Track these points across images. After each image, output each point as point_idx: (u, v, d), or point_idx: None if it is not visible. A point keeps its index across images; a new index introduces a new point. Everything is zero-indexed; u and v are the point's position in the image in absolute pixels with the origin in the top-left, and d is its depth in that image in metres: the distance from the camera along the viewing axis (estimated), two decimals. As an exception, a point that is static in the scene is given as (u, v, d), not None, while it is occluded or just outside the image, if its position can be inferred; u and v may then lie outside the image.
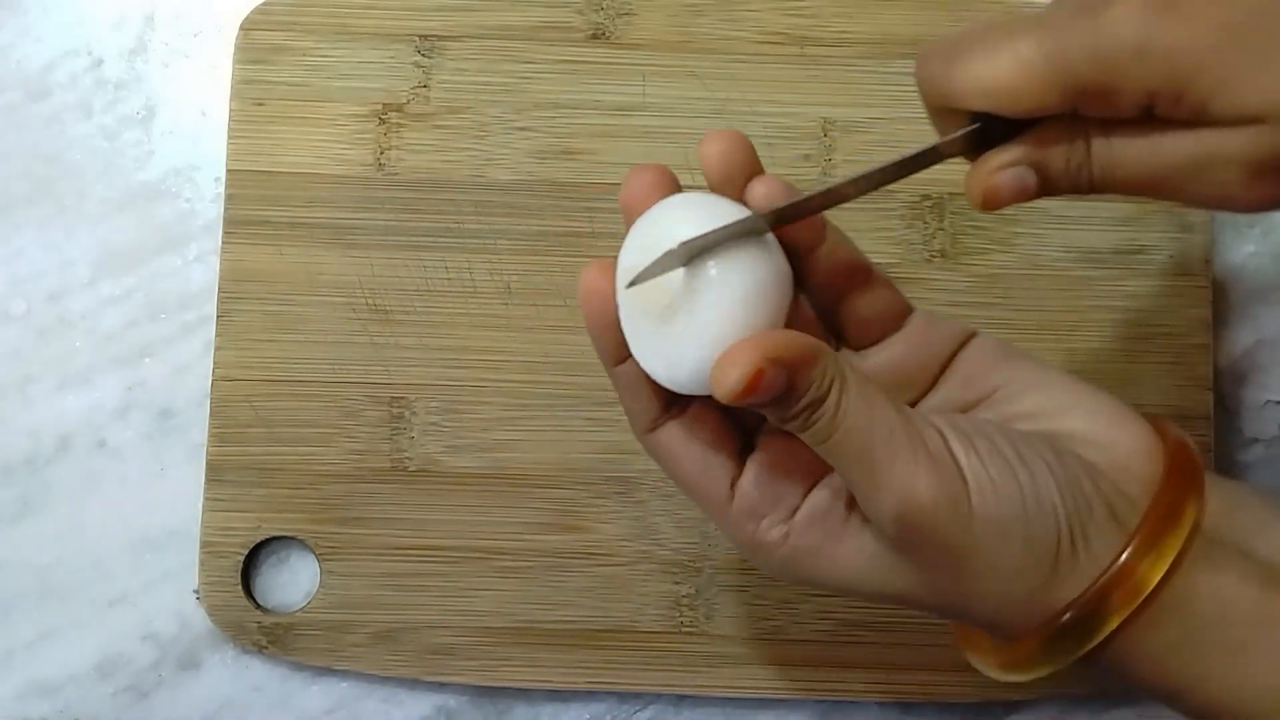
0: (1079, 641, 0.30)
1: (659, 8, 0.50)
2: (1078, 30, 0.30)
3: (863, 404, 0.30)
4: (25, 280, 0.50)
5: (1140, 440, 0.32)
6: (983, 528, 0.30)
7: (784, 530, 0.33)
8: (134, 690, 0.49)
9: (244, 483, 0.48)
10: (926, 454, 0.30)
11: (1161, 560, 0.30)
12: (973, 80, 0.30)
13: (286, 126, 0.50)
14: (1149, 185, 0.31)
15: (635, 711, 0.49)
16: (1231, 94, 0.29)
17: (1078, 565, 0.30)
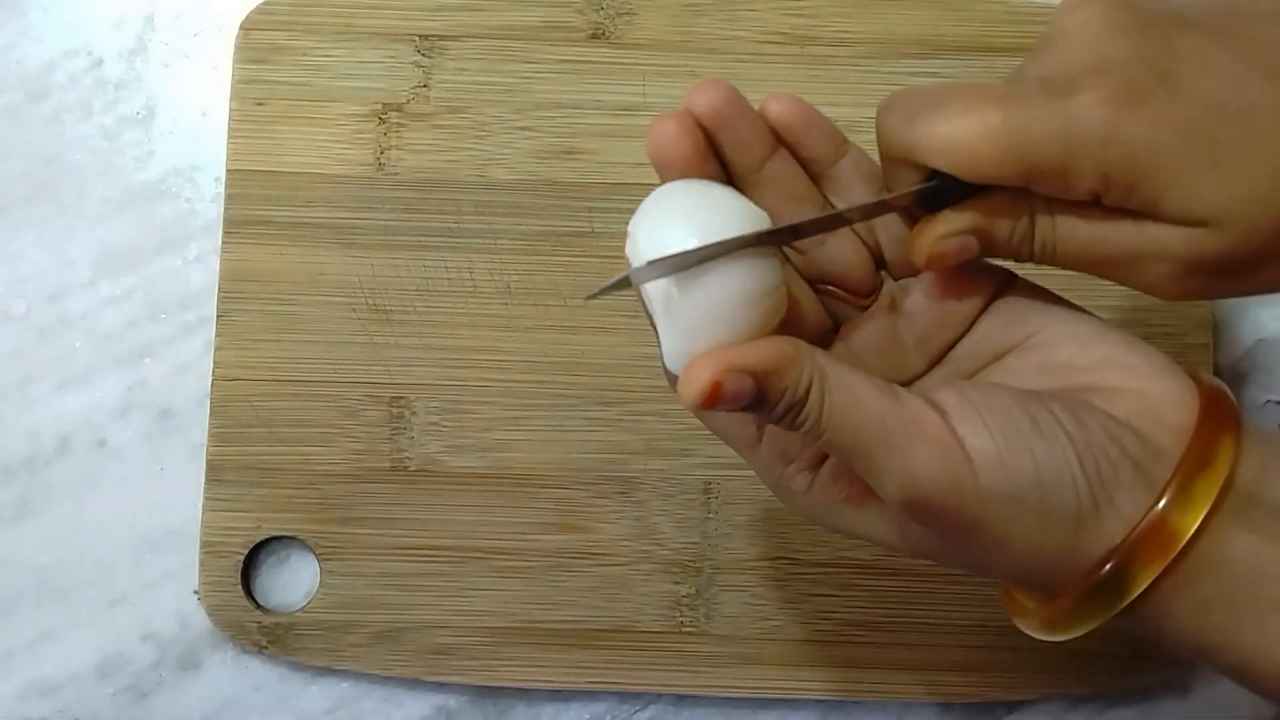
0: (1115, 597, 0.30)
1: (659, 8, 0.50)
2: (1047, 109, 0.30)
3: (849, 400, 0.30)
4: (25, 280, 0.50)
5: (1175, 391, 0.31)
6: (994, 503, 0.29)
7: (808, 479, 0.33)
8: (134, 690, 0.49)
9: (244, 483, 0.48)
10: (923, 439, 0.29)
11: (1195, 509, 0.29)
12: (935, 138, 0.31)
13: (287, 126, 0.50)
14: (1085, 265, 0.32)
15: (635, 711, 0.49)
16: (1181, 195, 0.30)
17: (1104, 529, 0.30)
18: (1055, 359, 0.33)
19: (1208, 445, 0.30)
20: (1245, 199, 0.30)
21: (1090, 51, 0.30)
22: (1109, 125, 0.29)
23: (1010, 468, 0.29)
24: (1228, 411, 0.31)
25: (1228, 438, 0.30)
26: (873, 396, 0.30)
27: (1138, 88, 0.29)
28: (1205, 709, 0.50)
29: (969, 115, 0.30)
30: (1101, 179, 0.30)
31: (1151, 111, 0.29)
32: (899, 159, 0.32)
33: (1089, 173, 0.30)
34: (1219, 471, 0.30)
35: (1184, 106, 0.29)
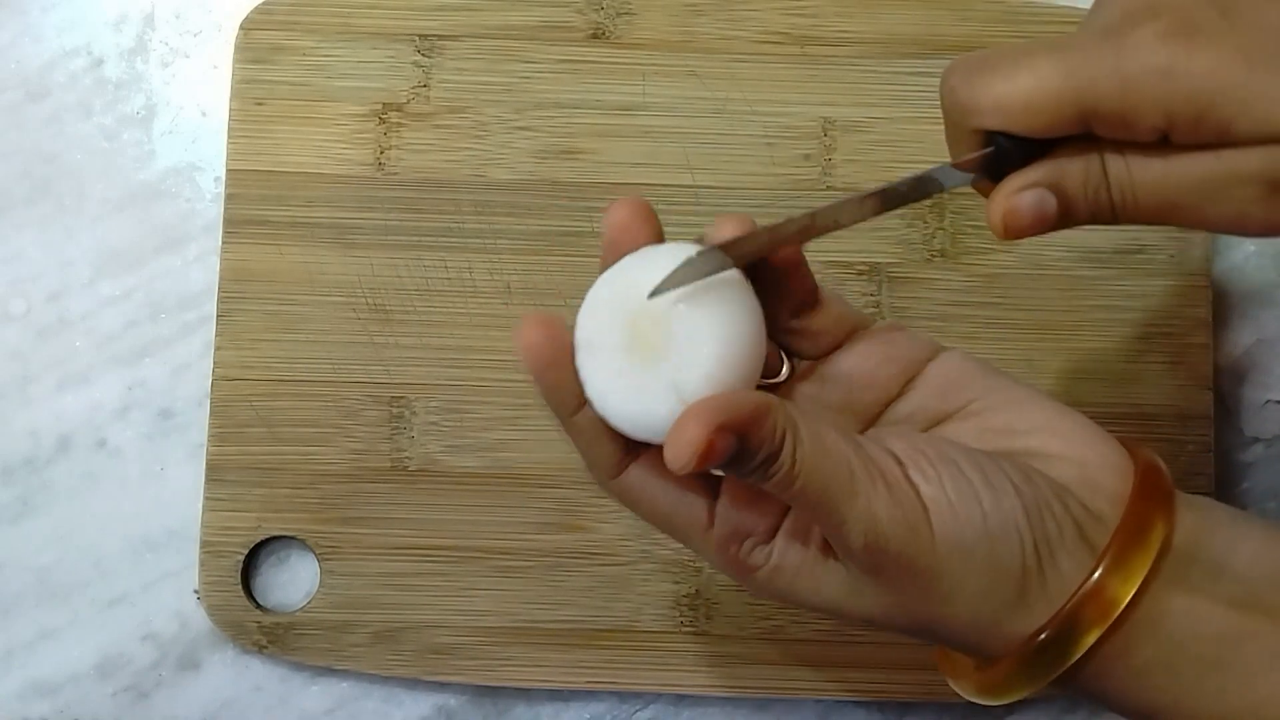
0: (1054, 663, 0.30)
1: (659, 7, 0.50)
2: (1101, 52, 0.30)
3: (817, 448, 0.30)
4: (25, 280, 0.50)
5: (1110, 458, 0.32)
6: (945, 551, 0.30)
7: (767, 551, 0.33)
8: (134, 690, 0.49)
9: (244, 483, 0.48)
10: (884, 483, 0.30)
11: (1131, 578, 0.30)
12: (991, 96, 0.31)
13: (287, 126, 0.50)
14: (1168, 207, 0.32)
15: (635, 711, 0.49)
16: (1253, 114, 0.29)
17: (1046, 587, 0.30)
18: (993, 424, 0.33)
19: (1142, 517, 0.31)
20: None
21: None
22: (1167, 58, 0.29)
23: (961, 518, 0.30)
24: (1161, 482, 0.31)
25: (1161, 508, 0.31)
26: (839, 443, 0.30)
27: (1196, 20, 0.29)
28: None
29: (1021, 70, 0.30)
30: (1165, 114, 0.30)
31: (1212, 40, 0.29)
32: (961, 127, 0.32)
33: (1151, 109, 0.30)
34: (1153, 542, 0.30)
35: (1245, 33, 0.29)
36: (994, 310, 0.50)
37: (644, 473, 0.33)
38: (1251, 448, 0.51)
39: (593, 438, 0.32)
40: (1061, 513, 0.31)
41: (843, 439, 0.30)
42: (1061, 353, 0.49)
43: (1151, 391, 0.49)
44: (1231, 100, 0.29)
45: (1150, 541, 0.30)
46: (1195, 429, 0.49)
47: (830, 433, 0.30)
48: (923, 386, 0.34)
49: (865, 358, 0.34)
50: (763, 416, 0.29)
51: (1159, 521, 0.31)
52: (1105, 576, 0.30)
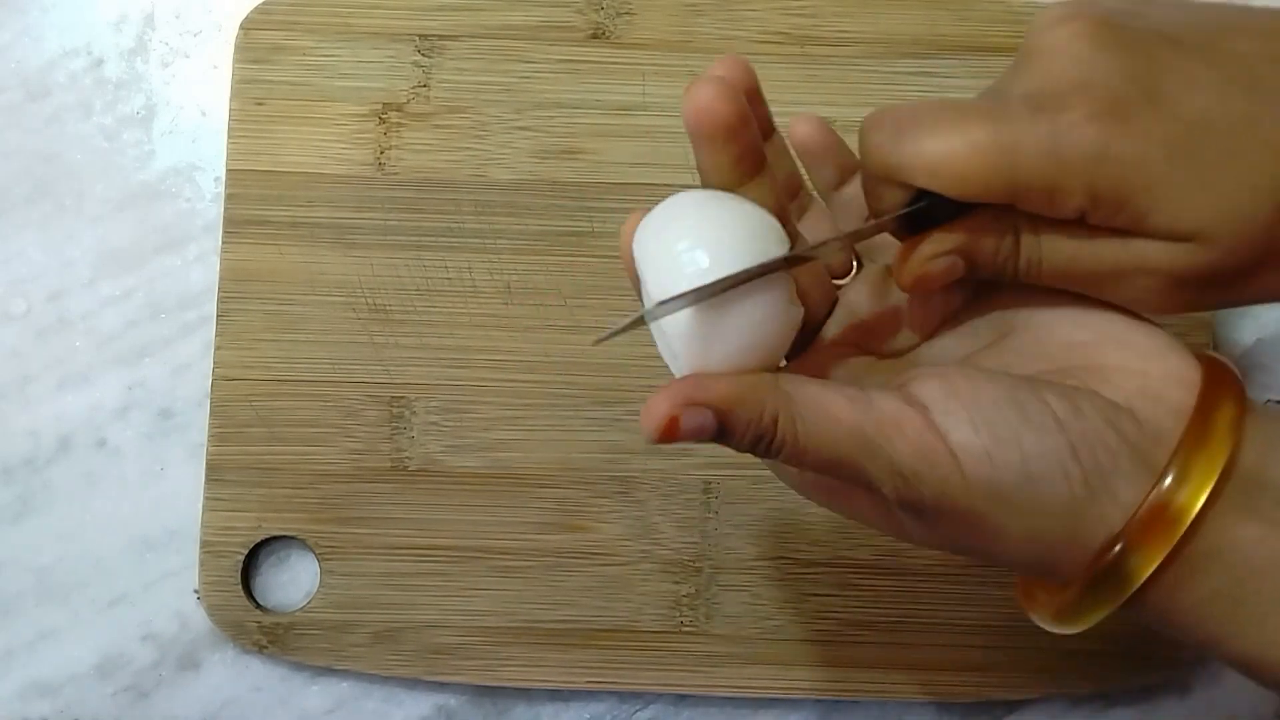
0: (1120, 586, 0.29)
1: (659, 8, 0.50)
2: (1034, 127, 0.30)
3: (822, 418, 0.30)
4: (25, 280, 0.50)
5: (1177, 370, 0.31)
6: (983, 498, 0.29)
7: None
8: (134, 690, 0.49)
9: (244, 483, 0.48)
10: (902, 439, 0.29)
11: (1197, 489, 0.29)
12: (922, 157, 0.30)
13: (287, 126, 0.50)
14: (1069, 281, 0.32)
15: (635, 711, 0.49)
16: (1168, 211, 0.29)
17: (1104, 518, 0.29)
18: (1052, 338, 0.32)
19: (1208, 423, 0.30)
20: (1230, 214, 0.29)
21: (1075, 68, 0.30)
22: (1099, 143, 0.29)
23: (997, 462, 0.29)
24: (1231, 389, 0.30)
25: (1228, 414, 0.30)
26: (846, 409, 0.30)
27: (1125, 104, 0.29)
28: (1205, 709, 0.50)
29: (956, 133, 0.30)
30: (1090, 197, 0.30)
31: (1139, 128, 0.29)
32: (885, 178, 0.32)
33: (1078, 190, 0.30)
34: (1220, 449, 0.29)
35: (1170, 123, 0.29)
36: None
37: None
38: (1252, 448, 0.51)
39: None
40: (1116, 442, 0.29)
41: (851, 403, 0.30)
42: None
43: (1151, 391, 0.49)
44: (1150, 193, 0.29)
45: (1216, 449, 0.29)
46: (1195, 429, 0.49)
47: (836, 399, 0.30)
48: (984, 299, 0.34)
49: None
50: (743, 398, 0.29)
51: (1224, 428, 0.29)
52: (1169, 491, 0.29)
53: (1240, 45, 0.31)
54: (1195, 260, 0.30)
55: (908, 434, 0.29)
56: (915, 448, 0.29)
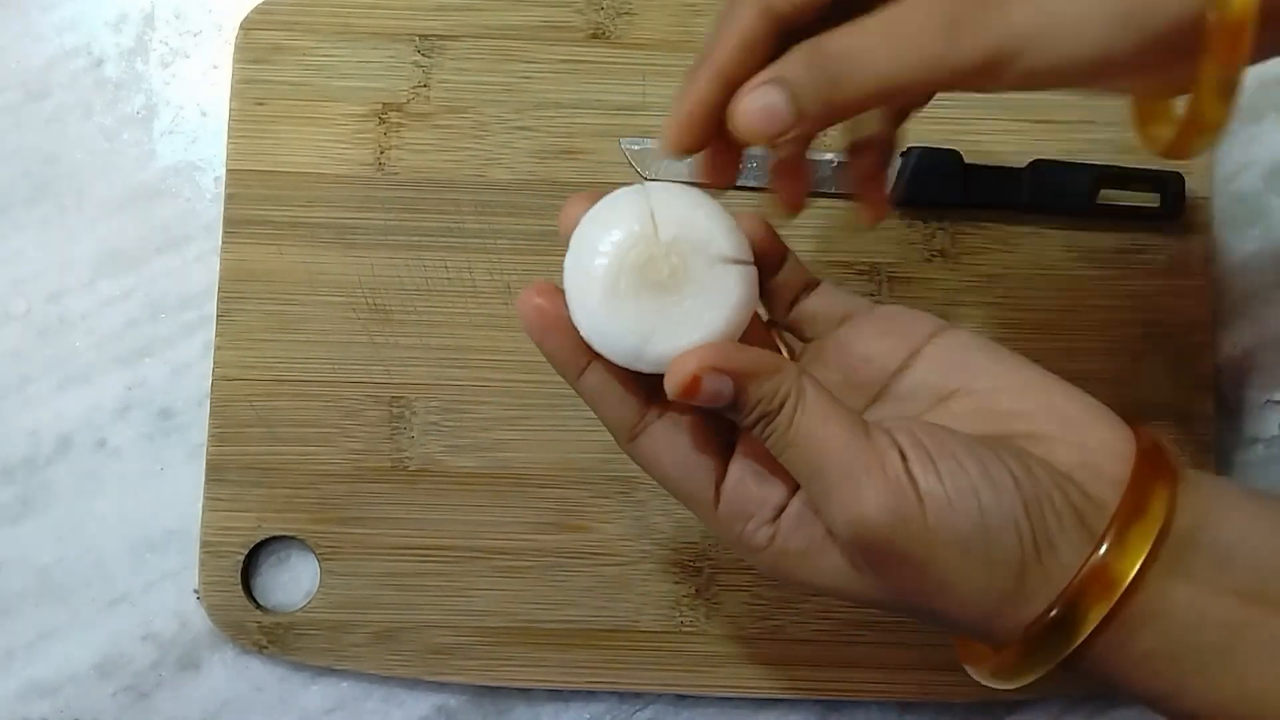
0: (1059, 646, 0.30)
1: (659, 7, 0.50)
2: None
3: (819, 422, 0.31)
4: (25, 280, 0.50)
5: (1113, 443, 0.32)
6: (941, 545, 0.30)
7: (770, 533, 0.33)
8: (134, 690, 0.49)
9: (244, 483, 0.48)
10: (881, 474, 0.30)
11: (1132, 556, 0.30)
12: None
13: (287, 126, 0.50)
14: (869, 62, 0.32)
15: (635, 711, 0.49)
16: None
17: (1048, 576, 0.30)
18: (995, 405, 0.33)
19: (1142, 496, 0.30)
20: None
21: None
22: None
23: (958, 512, 0.30)
24: (1163, 462, 0.31)
25: (1162, 488, 0.31)
26: (844, 426, 0.31)
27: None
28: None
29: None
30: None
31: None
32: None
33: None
34: (1153, 520, 0.30)
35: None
36: (994, 310, 0.50)
37: (658, 436, 0.34)
38: (1251, 448, 0.51)
39: (602, 399, 0.34)
40: (1062, 503, 0.30)
41: (850, 425, 0.31)
42: (1061, 353, 0.49)
43: (1151, 391, 0.49)
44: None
45: (1150, 520, 0.30)
46: (1195, 429, 0.49)
47: (839, 414, 0.31)
48: (925, 362, 0.34)
49: (862, 332, 0.35)
50: (765, 373, 0.31)
51: (1159, 501, 0.30)
52: (1107, 556, 0.30)
53: None
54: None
55: (887, 470, 0.30)
56: (891, 484, 0.30)
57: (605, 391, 0.33)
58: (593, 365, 0.33)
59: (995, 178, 0.49)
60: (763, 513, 0.33)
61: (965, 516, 0.30)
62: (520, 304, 0.33)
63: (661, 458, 0.34)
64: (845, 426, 0.31)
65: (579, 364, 0.33)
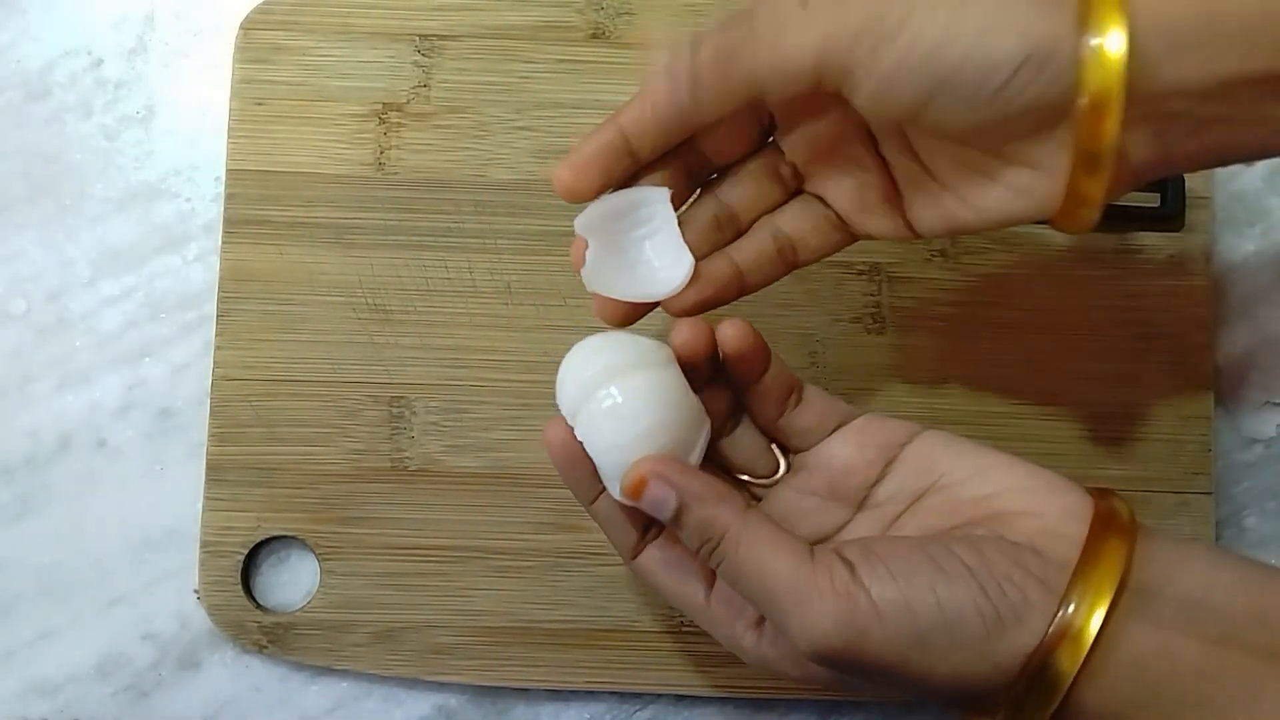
0: (1044, 704, 0.31)
1: (659, 7, 0.50)
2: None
3: (765, 552, 0.33)
4: (25, 280, 0.50)
5: (1070, 506, 0.34)
6: (905, 645, 0.31)
7: (755, 638, 0.37)
8: (134, 690, 0.49)
9: (244, 483, 0.48)
10: (831, 591, 0.32)
11: (1095, 606, 0.31)
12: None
13: (286, 126, 0.50)
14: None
15: (635, 711, 0.49)
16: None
17: (1017, 645, 0.31)
18: (963, 494, 0.35)
19: (1098, 549, 0.32)
20: None
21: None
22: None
23: (915, 609, 0.31)
24: (1118, 519, 0.33)
25: (1118, 541, 0.32)
26: (789, 552, 0.33)
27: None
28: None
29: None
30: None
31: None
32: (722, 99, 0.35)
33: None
34: (1111, 570, 0.32)
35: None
36: (994, 310, 0.50)
37: (655, 555, 0.38)
38: (1251, 448, 0.51)
39: (610, 523, 0.38)
40: (1022, 578, 0.32)
41: (792, 553, 0.33)
42: (1061, 353, 0.49)
43: (1151, 391, 0.49)
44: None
45: (1106, 570, 0.31)
46: (1195, 429, 0.49)
47: (779, 545, 0.33)
48: (901, 468, 0.37)
49: (844, 445, 0.38)
50: (704, 499, 0.34)
51: (1114, 552, 0.32)
52: (1072, 612, 0.31)
53: None
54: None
55: (836, 587, 0.32)
56: (840, 601, 0.32)
57: (612, 516, 0.38)
58: (603, 495, 0.38)
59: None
60: (746, 616, 0.37)
61: (924, 614, 0.31)
62: (546, 438, 0.37)
63: (659, 571, 0.38)
64: (790, 551, 0.33)
65: (593, 492, 0.38)
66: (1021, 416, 0.49)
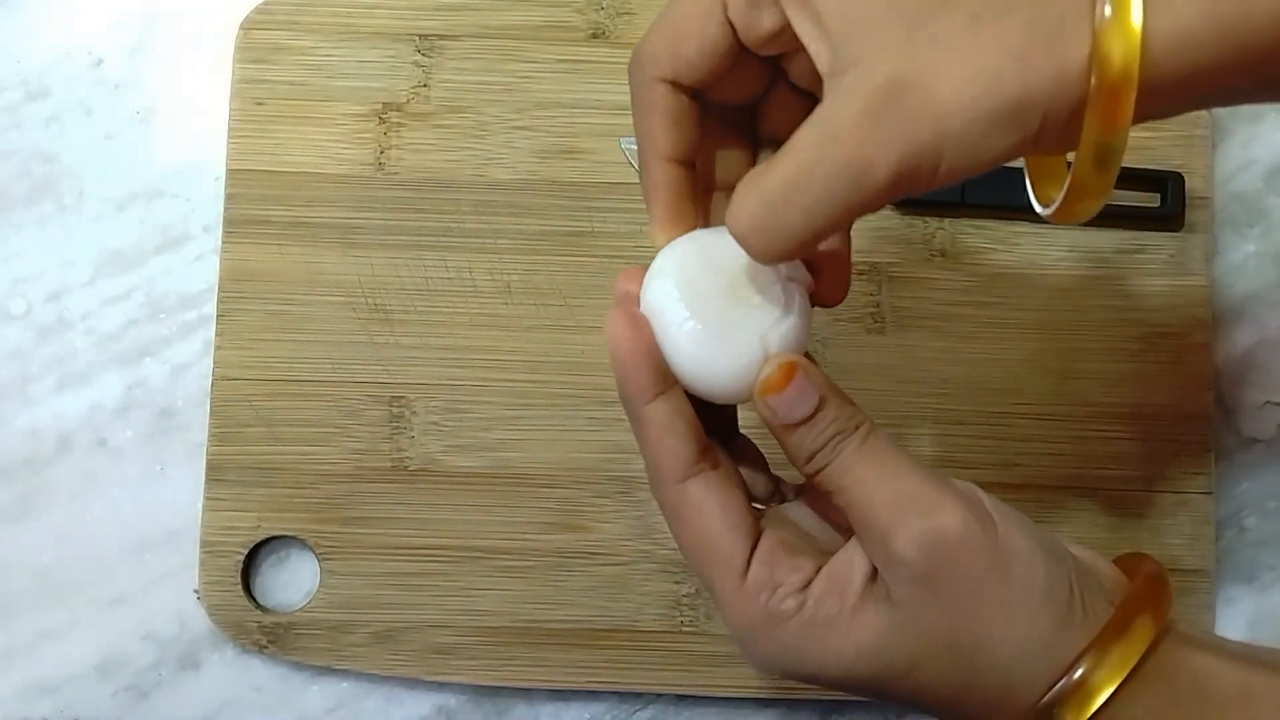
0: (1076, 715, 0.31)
1: (659, 7, 0.50)
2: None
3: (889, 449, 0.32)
4: (25, 280, 0.50)
5: (1112, 569, 0.34)
6: (1011, 553, 0.31)
7: (799, 600, 0.33)
8: (134, 690, 0.49)
9: (244, 483, 0.48)
10: (954, 489, 0.32)
11: (1150, 625, 0.31)
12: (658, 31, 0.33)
13: (287, 126, 0.50)
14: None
15: (635, 711, 0.49)
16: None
17: (1079, 622, 0.31)
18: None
19: (1130, 617, 0.32)
20: None
21: None
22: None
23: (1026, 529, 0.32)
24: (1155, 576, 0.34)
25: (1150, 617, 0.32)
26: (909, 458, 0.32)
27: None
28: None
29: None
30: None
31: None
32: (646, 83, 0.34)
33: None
34: (1160, 594, 0.33)
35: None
36: (994, 310, 0.50)
37: (706, 487, 0.33)
38: (1251, 448, 0.51)
39: (668, 430, 0.33)
40: (1086, 568, 0.33)
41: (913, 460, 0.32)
42: (1061, 353, 0.49)
43: (1151, 391, 0.49)
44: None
45: (1156, 594, 0.33)
46: (1195, 429, 0.49)
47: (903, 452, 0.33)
48: None
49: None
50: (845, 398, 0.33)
51: (1159, 585, 0.33)
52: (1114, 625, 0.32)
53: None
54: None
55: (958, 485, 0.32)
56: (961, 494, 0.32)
57: (673, 423, 0.33)
58: (667, 393, 0.33)
59: (995, 178, 0.49)
60: (791, 580, 0.33)
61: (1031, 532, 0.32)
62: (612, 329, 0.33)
63: (710, 505, 0.33)
64: (909, 458, 0.32)
65: (656, 389, 0.33)
66: (1021, 416, 0.49)
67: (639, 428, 0.33)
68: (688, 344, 0.32)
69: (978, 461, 0.49)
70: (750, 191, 0.30)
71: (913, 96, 0.28)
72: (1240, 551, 0.50)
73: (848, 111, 0.29)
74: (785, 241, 0.30)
